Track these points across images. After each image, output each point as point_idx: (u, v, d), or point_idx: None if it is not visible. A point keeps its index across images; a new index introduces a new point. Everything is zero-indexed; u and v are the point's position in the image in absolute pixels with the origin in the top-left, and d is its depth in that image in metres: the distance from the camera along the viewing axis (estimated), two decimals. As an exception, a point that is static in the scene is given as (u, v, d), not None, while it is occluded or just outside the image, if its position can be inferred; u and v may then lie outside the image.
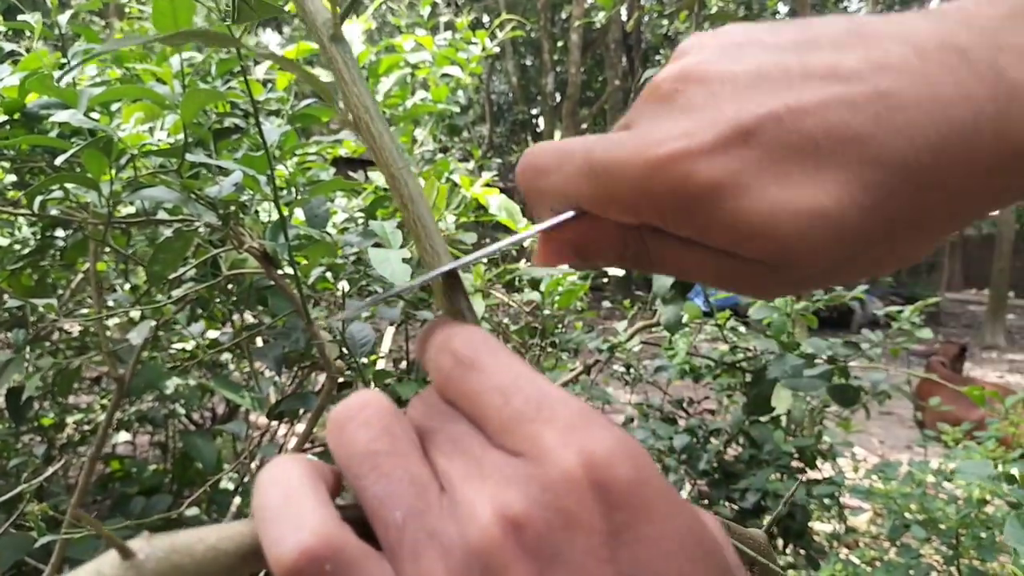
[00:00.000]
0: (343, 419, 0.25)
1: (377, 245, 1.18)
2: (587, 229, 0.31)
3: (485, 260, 1.97)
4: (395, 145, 0.30)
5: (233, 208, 1.12)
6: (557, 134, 12.80)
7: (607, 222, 0.31)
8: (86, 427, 1.88)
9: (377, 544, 0.24)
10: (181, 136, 1.20)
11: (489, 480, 0.23)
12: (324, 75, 1.87)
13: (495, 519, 0.22)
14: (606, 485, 0.22)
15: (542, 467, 0.22)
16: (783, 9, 17.09)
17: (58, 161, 0.97)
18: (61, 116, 1.00)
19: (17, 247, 1.52)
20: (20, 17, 1.33)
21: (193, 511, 1.64)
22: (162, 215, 1.23)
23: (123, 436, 2.12)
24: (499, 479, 0.23)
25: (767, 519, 1.79)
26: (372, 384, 1.40)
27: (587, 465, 0.22)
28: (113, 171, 1.05)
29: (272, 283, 1.18)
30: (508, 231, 1.86)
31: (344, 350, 1.42)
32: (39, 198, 1.08)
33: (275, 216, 1.21)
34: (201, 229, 1.12)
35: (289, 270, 1.12)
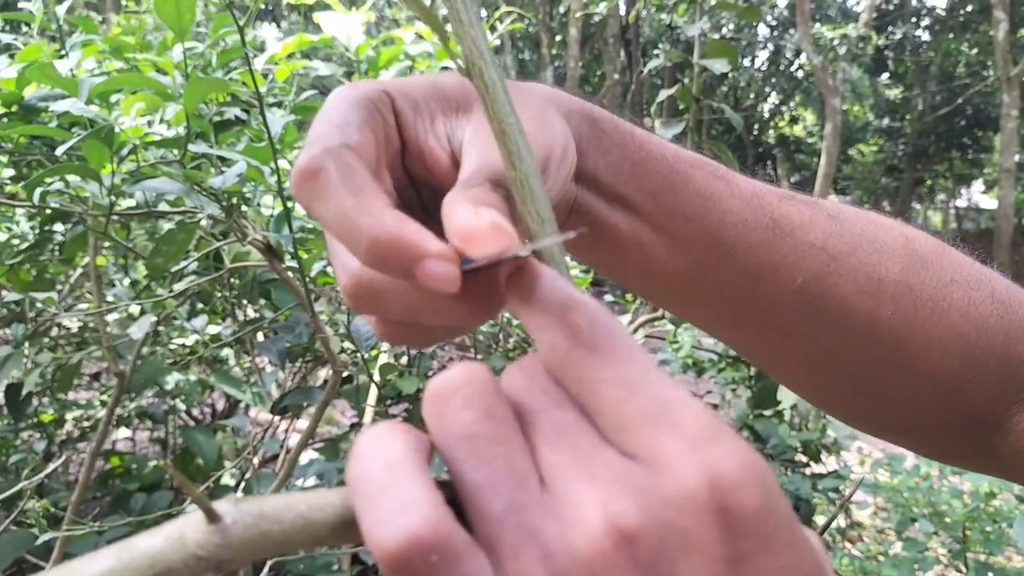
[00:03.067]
0: (445, 395, 0.23)
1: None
2: None
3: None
4: (508, 98, 0.27)
5: (236, 200, 1.11)
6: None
7: None
8: (85, 423, 1.87)
9: (466, 524, 0.22)
10: (182, 127, 1.19)
11: (599, 482, 0.21)
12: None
13: (606, 528, 0.20)
14: (731, 510, 0.20)
15: (662, 479, 0.20)
16: (781, 2, 17.09)
17: (59, 151, 0.95)
18: (62, 105, 0.98)
19: (16, 242, 1.50)
20: (21, 6, 1.31)
21: (192, 508, 1.63)
22: (163, 207, 1.21)
23: (123, 432, 2.11)
24: (611, 483, 0.21)
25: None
26: (377, 378, 1.39)
27: (713, 486, 0.20)
28: (115, 162, 1.03)
29: (276, 276, 1.17)
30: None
31: (345, 344, 1.41)
32: (39, 190, 1.07)
33: (277, 209, 1.20)
34: (204, 221, 1.10)
35: (292, 263, 1.11)
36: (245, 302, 1.49)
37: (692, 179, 0.40)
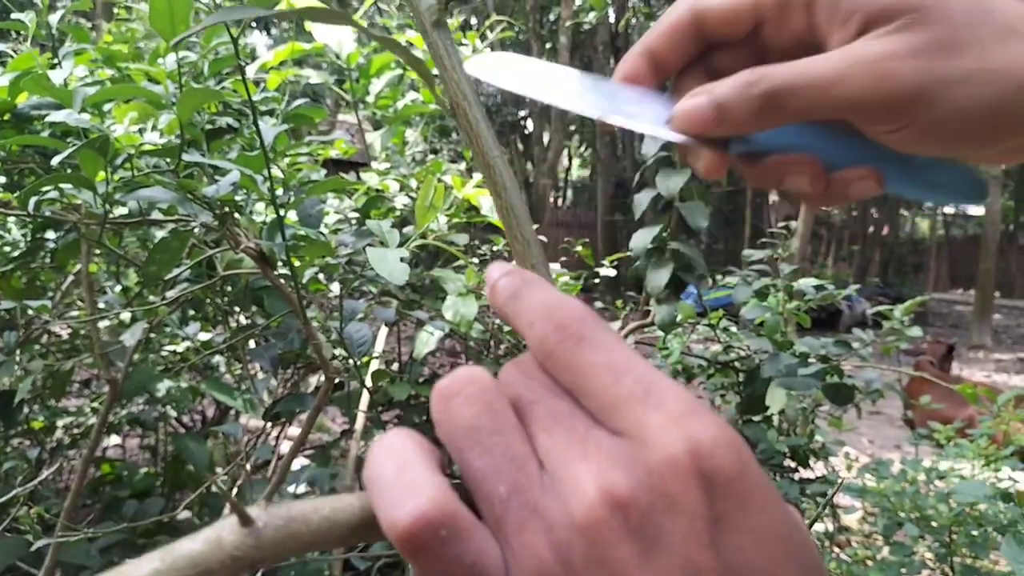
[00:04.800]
0: (449, 394, 0.26)
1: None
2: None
3: (476, 262, 1.96)
4: (491, 133, 0.30)
5: (229, 208, 1.12)
6: (546, 136, 12.80)
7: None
8: (76, 430, 1.86)
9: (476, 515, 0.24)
10: (174, 136, 1.19)
11: (593, 458, 0.23)
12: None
13: (600, 497, 0.22)
14: (711, 473, 0.22)
15: (648, 450, 0.23)
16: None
17: (54, 161, 0.96)
18: (57, 116, 0.99)
19: (7, 249, 1.50)
20: (14, 16, 1.31)
21: (185, 514, 1.63)
22: (156, 216, 1.22)
23: (113, 440, 2.10)
24: (603, 458, 0.23)
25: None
26: (369, 384, 1.40)
27: (693, 452, 0.22)
28: (109, 171, 1.04)
29: (268, 283, 1.18)
30: (500, 232, 1.86)
31: (337, 351, 1.42)
32: (33, 199, 1.07)
33: (270, 217, 1.20)
34: (197, 229, 1.11)
35: (285, 270, 1.12)
36: (237, 309, 1.49)
37: None
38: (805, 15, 0.35)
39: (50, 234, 1.48)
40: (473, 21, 13.26)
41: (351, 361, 1.25)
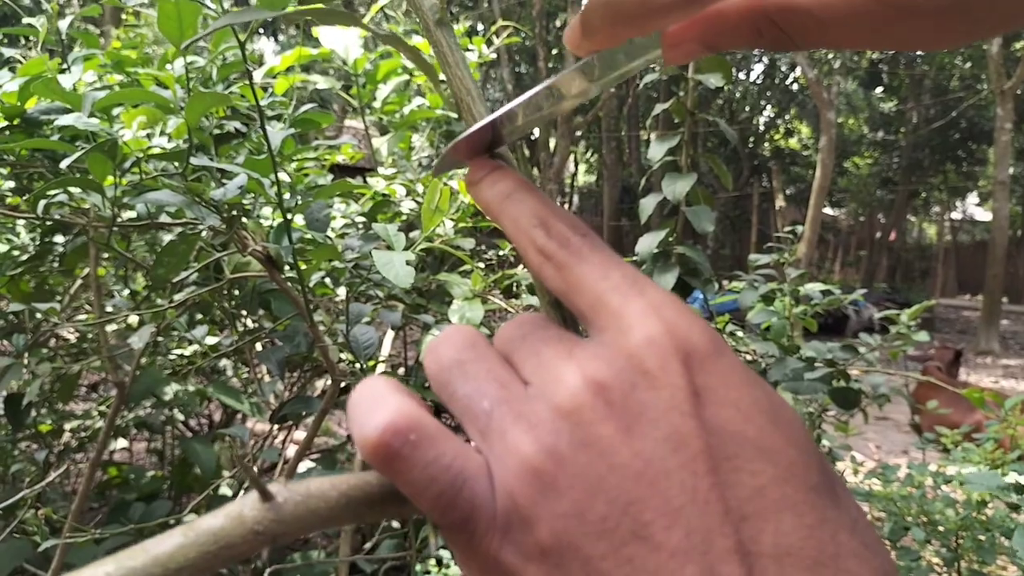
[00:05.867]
0: (435, 343, 0.27)
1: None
2: (714, 22, 0.29)
3: (482, 266, 1.96)
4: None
5: (236, 212, 1.12)
6: (552, 142, 12.81)
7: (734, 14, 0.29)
8: (83, 434, 1.87)
9: None
10: (182, 140, 1.20)
11: (575, 358, 0.24)
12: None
13: (583, 384, 0.23)
14: (688, 351, 0.23)
15: (629, 334, 0.24)
16: (776, 17, 17.13)
17: (64, 164, 0.97)
18: (66, 120, 1.00)
19: (16, 253, 1.51)
20: (25, 21, 1.33)
21: (192, 517, 1.63)
22: (164, 219, 1.23)
23: (120, 443, 2.11)
24: (585, 356, 0.24)
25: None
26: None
27: (671, 332, 0.23)
28: (117, 175, 1.04)
29: (275, 287, 1.18)
30: (506, 238, 1.86)
31: (343, 355, 1.42)
32: (43, 202, 1.08)
33: (277, 221, 1.21)
34: (204, 233, 1.12)
35: (292, 274, 1.12)
36: (244, 313, 1.50)
37: None
38: None
39: (58, 238, 1.49)
40: (480, 27, 13.29)
41: (357, 364, 1.26)
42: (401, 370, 2.17)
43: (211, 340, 1.61)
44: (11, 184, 1.45)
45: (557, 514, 0.22)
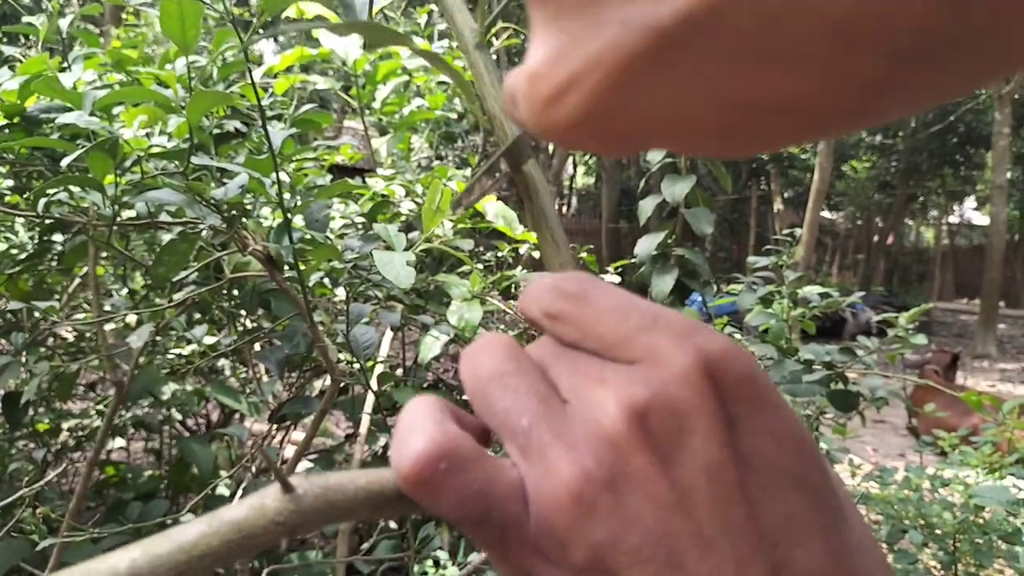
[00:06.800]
0: (473, 351, 0.27)
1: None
2: None
3: (481, 267, 1.97)
4: (528, 144, 0.32)
5: (236, 211, 1.12)
6: (550, 145, 12.83)
7: None
8: (81, 433, 1.87)
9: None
10: (182, 140, 1.20)
11: (611, 383, 0.24)
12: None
13: (620, 411, 0.23)
14: (721, 378, 0.23)
15: (661, 367, 0.24)
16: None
17: (64, 163, 0.97)
18: (67, 118, 1.00)
19: (15, 251, 1.51)
20: (25, 20, 1.33)
21: (189, 517, 1.63)
22: (164, 219, 1.23)
23: (118, 443, 2.11)
24: (621, 381, 0.24)
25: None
26: (375, 387, 1.40)
27: (703, 361, 0.23)
28: (118, 173, 1.04)
29: (275, 287, 1.18)
30: (505, 238, 1.86)
31: (342, 355, 1.42)
32: (42, 200, 1.08)
33: (276, 220, 1.21)
34: (204, 232, 1.12)
35: (292, 274, 1.12)
36: (244, 312, 1.50)
37: None
38: None
39: (57, 237, 1.49)
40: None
41: (356, 364, 1.25)
42: (399, 371, 2.17)
43: (210, 340, 1.61)
44: (10, 183, 1.44)
45: (592, 541, 0.23)
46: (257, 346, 1.56)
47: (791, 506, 0.23)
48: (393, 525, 1.75)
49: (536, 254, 2.26)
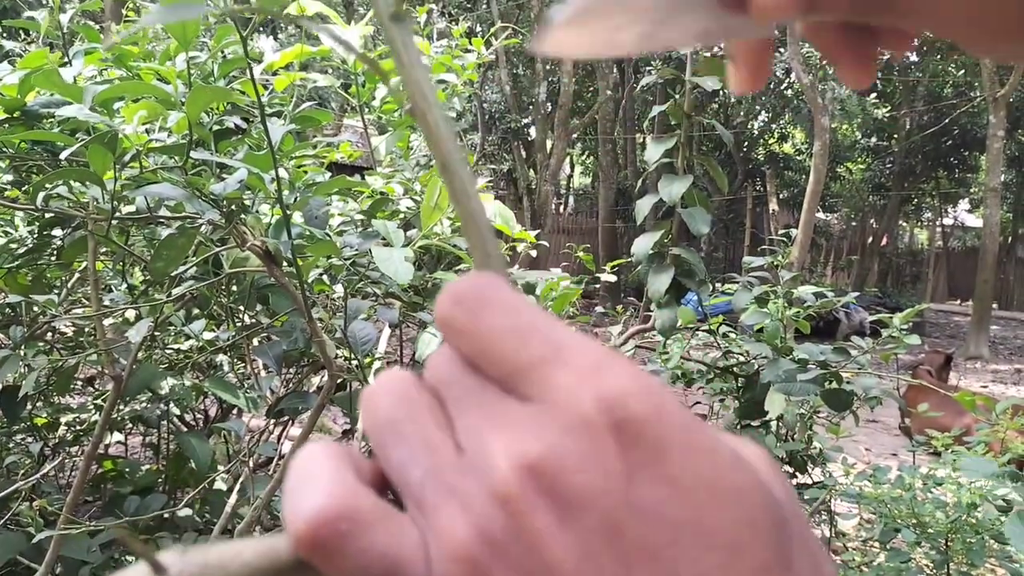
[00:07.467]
0: (369, 393, 0.26)
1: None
2: None
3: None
4: (453, 137, 0.28)
5: (235, 207, 1.13)
6: (549, 143, 12.81)
7: None
8: (79, 427, 1.87)
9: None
10: (182, 135, 1.21)
11: (503, 430, 0.23)
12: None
13: (512, 467, 0.22)
14: (621, 424, 0.21)
15: (557, 412, 0.22)
16: (771, 22, 17.18)
17: (63, 156, 0.97)
18: (67, 111, 1.00)
19: (14, 246, 1.52)
20: (26, 15, 1.33)
21: (186, 511, 1.64)
22: (164, 214, 1.23)
23: (115, 437, 2.11)
24: (514, 428, 0.22)
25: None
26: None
27: (603, 406, 0.22)
28: (117, 168, 1.05)
29: (273, 282, 1.19)
30: (503, 237, 1.87)
31: (340, 351, 1.43)
32: (41, 194, 1.08)
33: (275, 216, 1.22)
34: (203, 227, 1.12)
35: (290, 269, 1.13)
36: (242, 307, 1.51)
37: None
38: None
39: (57, 231, 1.49)
40: (478, 28, 13.30)
41: (354, 361, 1.26)
42: (397, 367, 2.18)
43: (208, 335, 1.62)
44: (10, 176, 1.45)
45: None
46: (255, 341, 1.56)
47: (699, 566, 0.20)
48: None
49: (534, 252, 2.27)
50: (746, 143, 17.92)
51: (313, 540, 0.22)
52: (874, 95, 17.53)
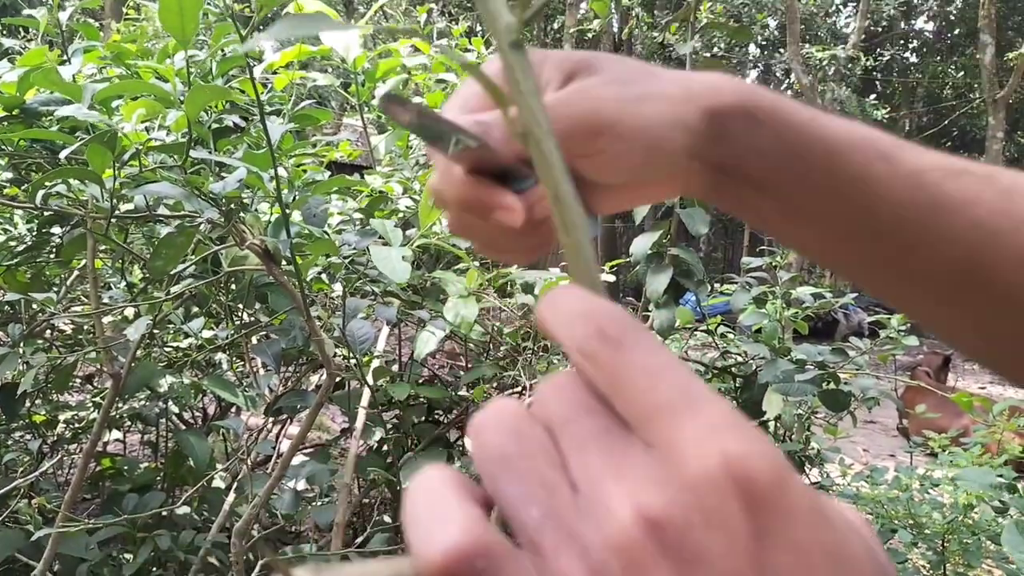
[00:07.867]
0: (479, 426, 0.26)
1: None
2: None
3: (477, 264, 1.98)
4: (565, 168, 0.28)
5: (234, 205, 1.13)
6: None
7: None
8: (77, 425, 1.87)
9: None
10: (181, 134, 1.21)
11: (625, 478, 0.23)
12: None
13: (634, 519, 0.22)
14: (749, 487, 0.21)
15: (682, 465, 0.22)
16: (772, 23, 17.23)
17: (63, 155, 0.97)
18: (66, 110, 1.00)
19: (13, 243, 1.52)
20: (25, 12, 1.33)
21: (184, 509, 1.64)
22: (162, 212, 1.23)
23: (114, 434, 2.11)
24: (636, 477, 0.22)
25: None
26: (370, 381, 1.41)
27: (728, 465, 0.21)
28: (116, 166, 1.05)
29: (272, 280, 1.19)
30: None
31: (338, 350, 1.43)
32: (41, 192, 1.09)
33: (274, 215, 1.22)
34: (203, 226, 1.13)
35: (289, 268, 1.13)
36: (241, 306, 1.51)
37: (850, 163, 0.42)
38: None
39: (56, 229, 1.49)
40: (479, 28, 13.29)
41: (353, 359, 1.26)
42: (396, 366, 2.18)
43: (207, 333, 1.62)
44: (9, 174, 1.45)
45: None
46: (254, 339, 1.56)
47: None
48: (388, 520, 1.76)
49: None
50: (746, 144, 17.93)
51: (447, 573, 0.22)
52: (874, 96, 17.54)
